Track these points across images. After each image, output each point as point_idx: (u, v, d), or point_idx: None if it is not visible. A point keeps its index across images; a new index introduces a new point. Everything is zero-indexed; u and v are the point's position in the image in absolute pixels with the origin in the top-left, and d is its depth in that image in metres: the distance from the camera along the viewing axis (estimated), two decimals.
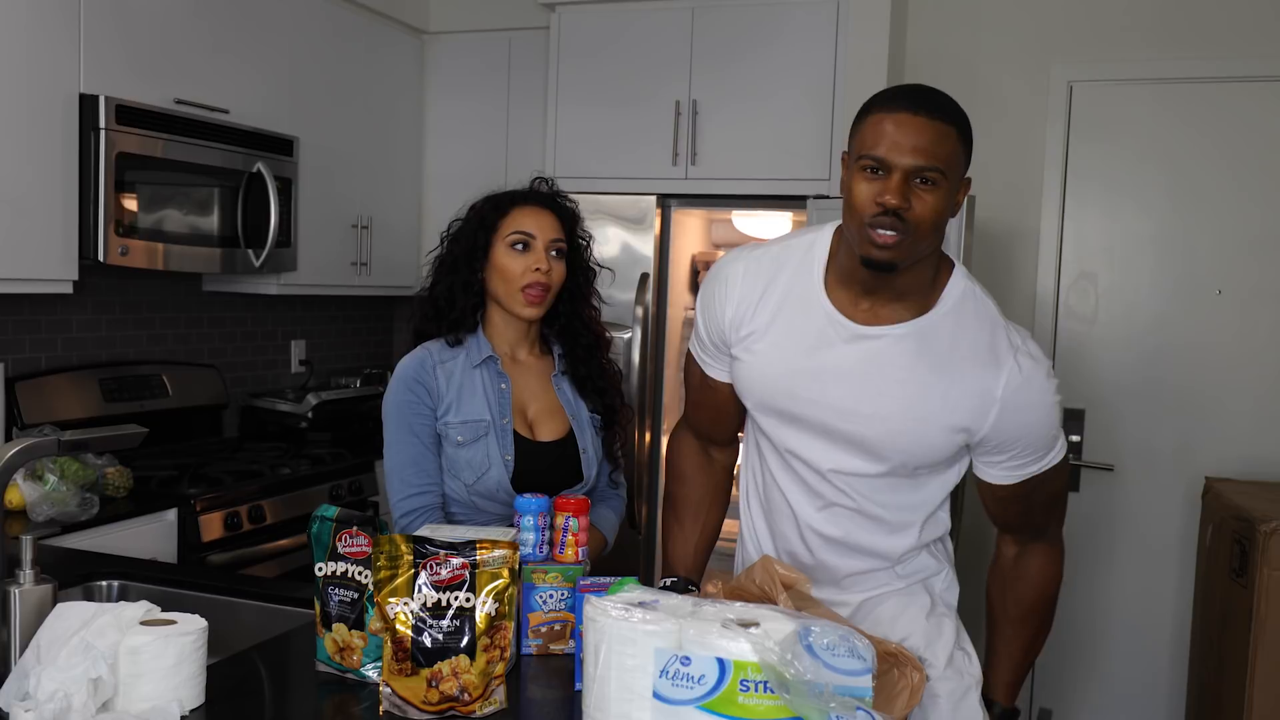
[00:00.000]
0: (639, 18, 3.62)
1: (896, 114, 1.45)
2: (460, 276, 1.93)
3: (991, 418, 1.52)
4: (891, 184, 1.43)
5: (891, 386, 1.54)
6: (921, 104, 1.46)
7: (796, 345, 1.59)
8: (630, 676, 1.19)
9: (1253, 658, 2.64)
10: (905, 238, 1.44)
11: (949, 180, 1.45)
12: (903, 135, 1.43)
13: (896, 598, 1.69)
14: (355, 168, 3.80)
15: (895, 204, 1.42)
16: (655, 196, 3.53)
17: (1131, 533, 3.44)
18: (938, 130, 1.44)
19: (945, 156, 1.44)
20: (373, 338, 4.51)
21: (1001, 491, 1.63)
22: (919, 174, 1.43)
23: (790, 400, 1.61)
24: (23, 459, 1.56)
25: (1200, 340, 3.36)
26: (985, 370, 1.52)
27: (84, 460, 2.65)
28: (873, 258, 1.47)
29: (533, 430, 1.93)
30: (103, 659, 1.28)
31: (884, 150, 1.43)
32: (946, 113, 1.47)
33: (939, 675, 1.65)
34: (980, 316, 1.56)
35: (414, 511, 1.86)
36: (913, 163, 1.42)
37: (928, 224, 1.45)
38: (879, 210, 1.43)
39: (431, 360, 1.91)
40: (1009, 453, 1.57)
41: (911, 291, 1.54)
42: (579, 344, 2.00)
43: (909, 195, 1.43)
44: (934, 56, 3.61)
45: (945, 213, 1.47)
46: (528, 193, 1.97)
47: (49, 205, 2.67)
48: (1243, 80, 3.29)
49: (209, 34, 3.12)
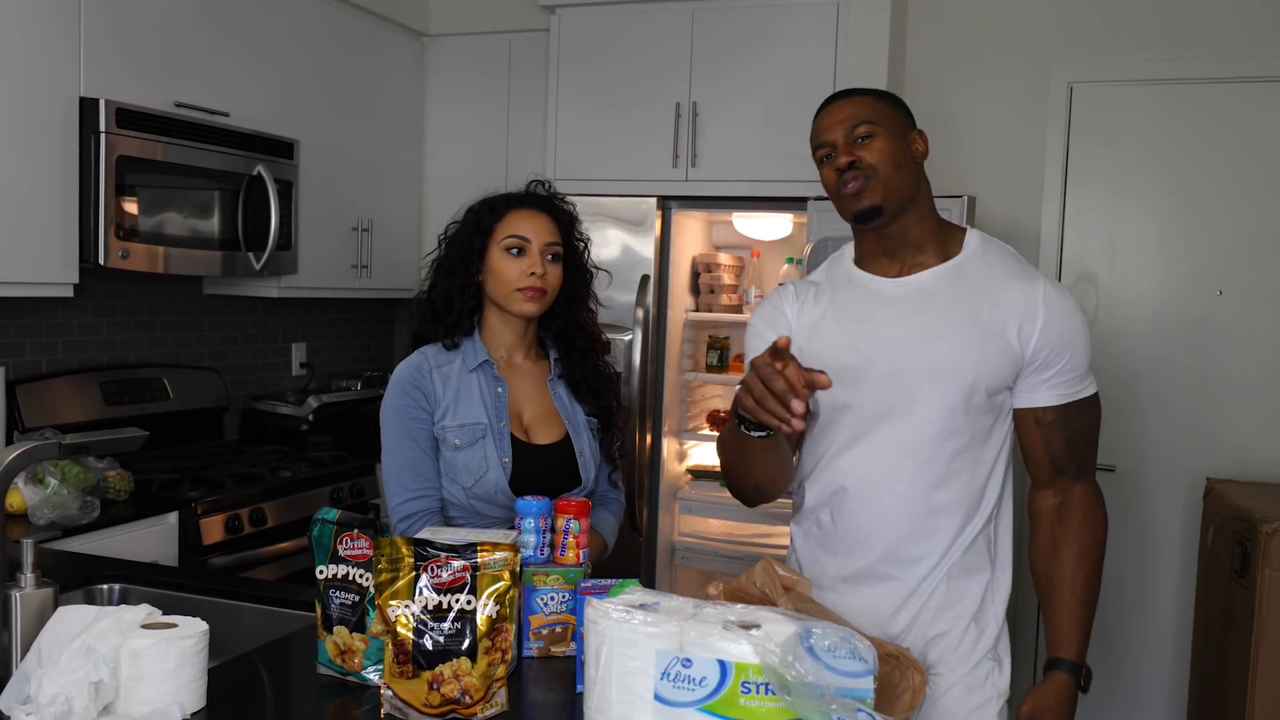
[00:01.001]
0: (639, 20, 3.62)
1: (822, 110, 1.74)
2: (457, 280, 1.93)
3: (1039, 321, 1.65)
4: (839, 150, 1.68)
5: (943, 317, 1.67)
6: (839, 94, 1.75)
7: (849, 316, 1.74)
8: (631, 678, 1.19)
9: (1254, 659, 2.64)
10: (869, 180, 1.66)
11: (883, 128, 1.68)
12: (829, 118, 1.71)
13: (947, 588, 1.69)
14: (356, 170, 3.80)
15: (844, 161, 1.67)
16: (655, 198, 3.53)
17: (1133, 533, 3.44)
18: (855, 102, 1.71)
19: (868, 114, 1.69)
20: (373, 340, 4.52)
21: (1048, 416, 1.70)
22: (852, 135, 1.68)
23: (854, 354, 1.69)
24: (24, 462, 1.57)
25: (1201, 341, 3.36)
26: (1024, 283, 1.68)
27: (85, 463, 2.65)
28: (854, 209, 1.69)
29: (529, 434, 1.93)
30: (104, 662, 1.28)
31: (822, 135, 1.71)
32: (860, 91, 1.75)
33: (961, 679, 1.67)
34: (1004, 252, 1.76)
35: (413, 516, 1.86)
36: (844, 129, 1.68)
37: (884, 162, 1.66)
38: (837, 175, 1.68)
39: (428, 364, 1.91)
40: (1055, 367, 1.67)
41: (925, 241, 1.73)
42: (574, 347, 1.99)
43: (854, 151, 1.67)
44: (934, 58, 3.61)
45: (899, 155, 1.68)
46: (524, 196, 1.97)
47: (49, 209, 2.67)
48: (1243, 81, 3.30)
49: (209, 37, 3.12)
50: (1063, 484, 1.74)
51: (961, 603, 1.70)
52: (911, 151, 1.70)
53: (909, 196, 1.69)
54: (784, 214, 3.68)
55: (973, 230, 1.78)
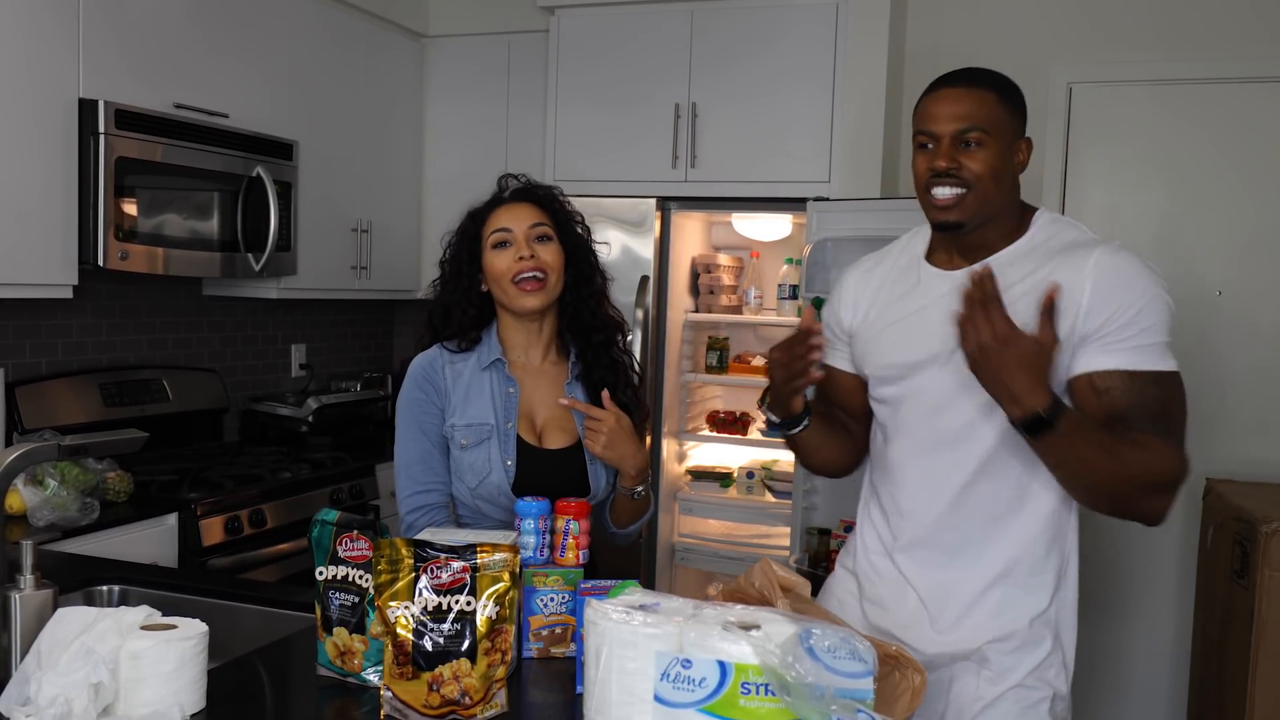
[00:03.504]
0: (638, 20, 3.62)
1: (937, 91, 1.63)
2: (455, 295, 1.92)
3: (1087, 289, 1.53)
4: (940, 150, 1.59)
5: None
6: (959, 77, 1.62)
7: (900, 310, 1.71)
8: (631, 679, 1.19)
9: (1254, 658, 2.64)
10: (965, 194, 1.58)
11: (994, 138, 1.58)
12: (942, 107, 1.60)
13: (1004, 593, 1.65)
14: (355, 171, 3.80)
15: (944, 166, 1.58)
16: (655, 199, 3.53)
17: (1133, 534, 3.44)
18: (974, 96, 1.59)
19: (984, 118, 1.58)
20: (373, 341, 4.52)
21: (1107, 382, 1.56)
22: (961, 137, 1.58)
23: (904, 343, 1.67)
24: (23, 464, 1.57)
25: (1201, 341, 3.36)
26: (1077, 257, 1.57)
27: (84, 465, 2.65)
28: (937, 220, 1.62)
29: (540, 438, 1.91)
30: (103, 664, 1.28)
31: (929, 123, 1.61)
32: (983, 81, 1.61)
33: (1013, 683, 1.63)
34: (1074, 230, 1.65)
35: (420, 509, 1.86)
36: (952, 128, 1.58)
37: (985, 179, 1.58)
38: (931, 175, 1.60)
39: (441, 360, 1.91)
40: (1110, 330, 1.55)
41: (998, 242, 1.65)
42: (591, 342, 1.95)
43: (957, 157, 1.58)
44: (933, 59, 3.61)
45: (1001, 168, 1.59)
46: (500, 194, 1.96)
47: (49, 210, 2.67)
48: (1242, 81, 3.30)
49: (208, 38, 3.12)
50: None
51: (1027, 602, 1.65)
52: (1014, 163, 1.62)
53: (997, 210, 1.62)
54: (783, 214, 3.68)
55: (1043, 211, 1.68)
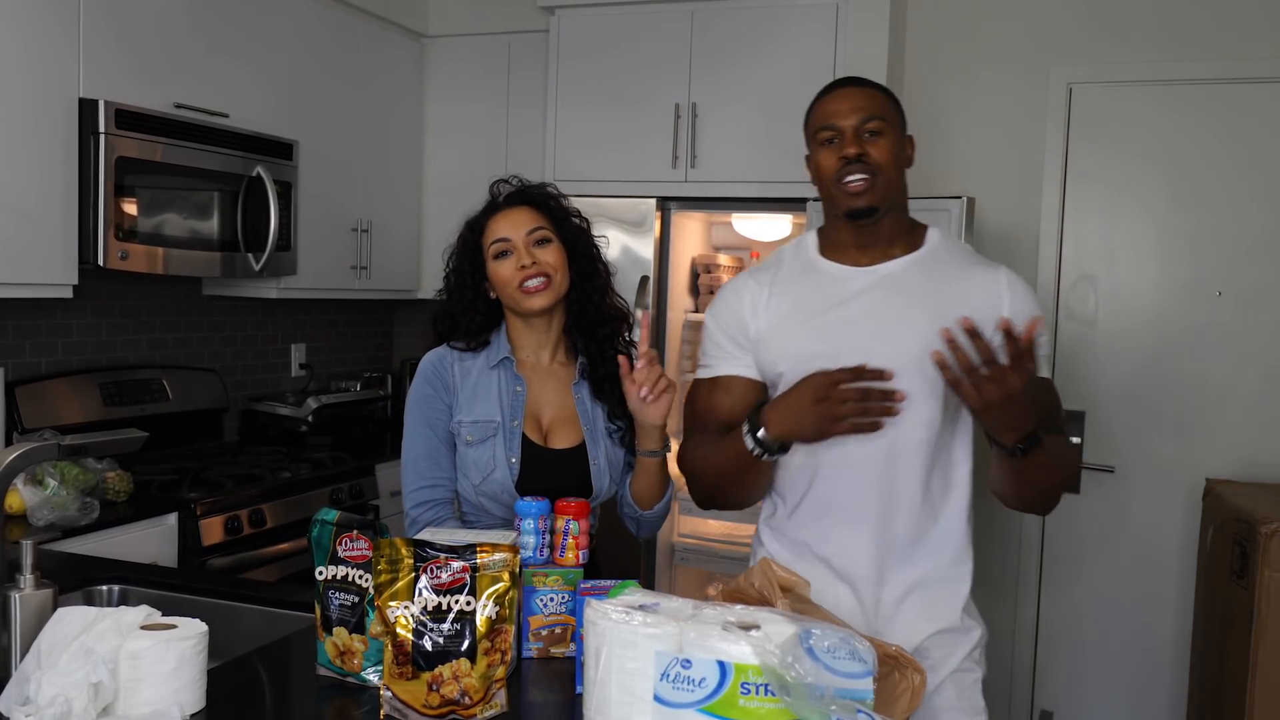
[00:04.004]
0: (638, 21, 3.62)
1: (833, 92, 1.76)
2: (464, 304, 1.93)
3: (1006, 304, 1.68)
4: (846, 139, 1.70)
5: (913, 306, 1.69)
6: (849, 80, 1.78)
7: (812, 306, 1.75)
8: (631, 679, 1.19)
9: (1254, 659, 2.64)
10: (874, 179, 1.69)
11: (892, 129, 1.71)
12: (842, 103, 1.72)
13: (938, 587, 1.74)
14: (355, 171, 3.80)
15: (853, 152, 1.68)
16: (655, 199, 3.53)
17: (1132, 534, 3.44)
18: (867, 93, 1.74)
19: (881, 110, 1.72)
20: (373, 341, 4.52)
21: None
22: (864, 127, 1.69)
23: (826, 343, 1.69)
24: (23, 464, 1.56)
25: (1201, 342, 3.36)
26: (987, 271, 1.75)
27: (84, 465, 2.65)
28: (852, 207, 1.70)
29: (546, 437, 1.92)
30: (103, 663, 1.28)
31: (832, 118, 1.71)
32: (871, 84, 1.77)
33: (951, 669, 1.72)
34: (963, 247, 1.85)
35: (426, 504, 1.87)
36: (857, 119, 1.70)
37: (888, 164, 1.70)
38: (843, 163, 1.69)
39: (451, 357, 1.93)
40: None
41: (896, 239, 1.76)
42: (595, 338, 1.95)
43: (864, 145, 1.69)
44: (933, 59, 3.62)
45: (899, 157, 1.72)
46: (495, 200, 1.96)
47: (49, 210, 2.67)
48: (1242, 82, 3.30)
49: (208, 38, 3.12)
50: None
51: (953, 598, 1.74)
52: (905, 156, 1.75)
53: (899, 201, 1.74)
54: (783, 215, 3.68)
55: (934, 227, 1.81)
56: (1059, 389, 1.81)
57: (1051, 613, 3.56)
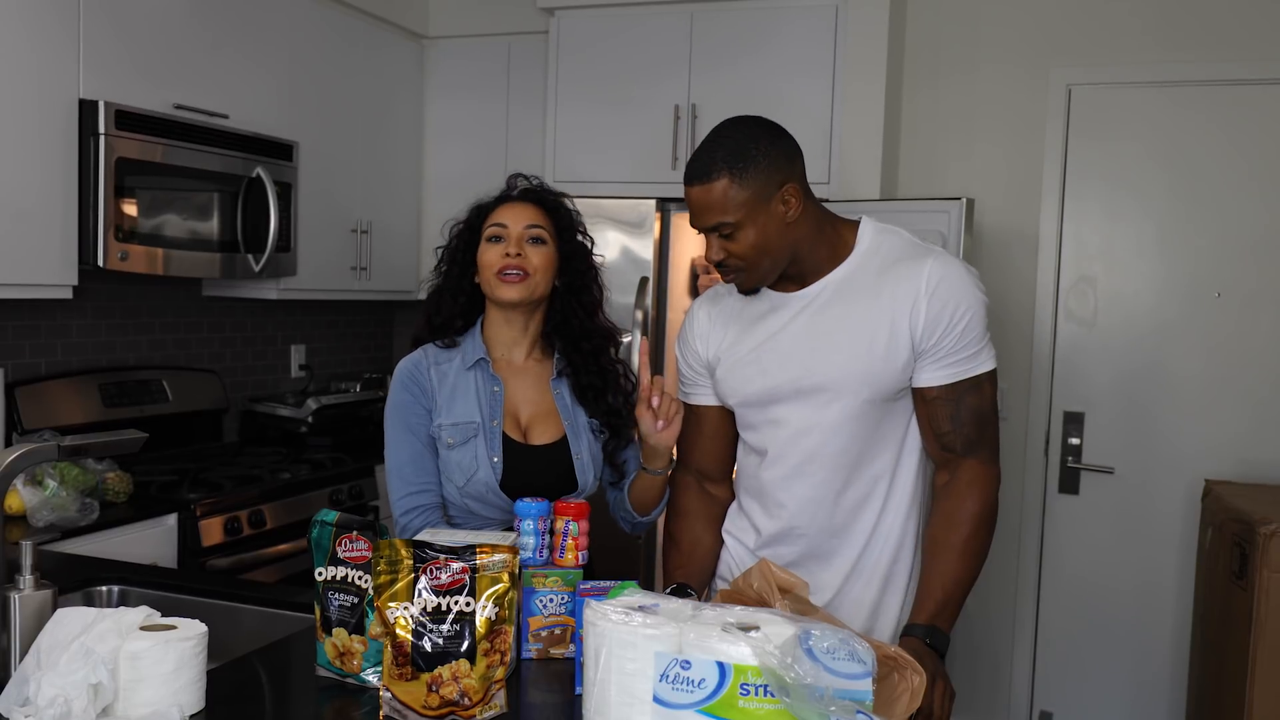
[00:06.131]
0: (638, 21, 3.62)
1: (687, 186, 1.72)
2: (449, 282, 1.95)
3: (924, 302, 1.69)
4: (709, 246, 1.73)
5: (838, 328, 1.73)
6: (692, 175, 1.71)
7: (750, 340, 1.82)
8: (630, 680, 1.19)
9: (1253, 660, 2.64)
10: (742, 273, 1.74)
11: (747, 218, 1.67)
12: (691, 208, 1.72)
13: (877, 583, 1.81)
14: (355, 172, 3.80)
15: (712, 258, 1.73)
16: (654, 200, 3.52)
17: (1131, 535, 3.44)
18: (706, 191, 1.68)
19: (722, 206, 1.67)
20: (373, 342, 4.52)
21: (933, 393, 1.73)
22: (716, 231, 1.70)
23: (761, 375, 1.78)
24: (23, 464, 1.56)
25: (1200, 343, 3.36)
26: (910, 266, 1.72)
27: (84, 465, 2.65)
28: (744, 291, 1.79)
29: (526, 435, 1.92)
30: (103, 664, 1.28)
31: (694, 221, 1.73)
32: (714, 170, 1.67)
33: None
34: (898, 239, 1.78)
35: (413, 510, 1.86)
36: (701, 225, 1.72)
37: (750, 256, 1.71)
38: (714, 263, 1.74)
39: (426, 361, 1.92)
40: (943, 345, 1.70)
41: (821, 262, 1.76)
42: (579, 349, 1.95)
43: (720, 247, 1.71)
44: (932, 60, 3.62)
45: (766, 236, 1.69)
46: (509, 191, 1.97)
47: (49, 210, 2.67)
48: (1241, 83, 3.30)
49: (208, 39, 3.12)
50: (951, 461, 1.76)
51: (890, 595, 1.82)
52: (782, 219, 1.70)
53: (786, 259, 1.74)
54: None
55: (866, 221, 1.80)
56: (1059, 389, 1.86)
57: (1051, 613, 3.56)
